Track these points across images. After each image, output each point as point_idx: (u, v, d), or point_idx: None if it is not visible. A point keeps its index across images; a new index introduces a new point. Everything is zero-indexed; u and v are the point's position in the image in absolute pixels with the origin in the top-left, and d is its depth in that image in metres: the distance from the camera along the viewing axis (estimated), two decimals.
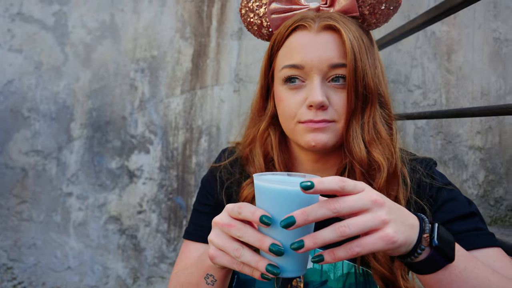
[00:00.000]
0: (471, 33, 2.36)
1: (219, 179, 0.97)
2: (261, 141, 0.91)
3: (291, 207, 0.59)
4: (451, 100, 2.35)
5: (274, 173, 0.69)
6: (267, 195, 0.60)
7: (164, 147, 2.20)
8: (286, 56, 0.82)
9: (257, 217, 0.58)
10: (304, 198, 0.59)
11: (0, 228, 2.08)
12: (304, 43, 0.79)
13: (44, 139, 2.12)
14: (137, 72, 2.19)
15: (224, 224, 0.62)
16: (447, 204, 0.81)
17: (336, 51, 0.78)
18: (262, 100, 0.92)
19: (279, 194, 0.59)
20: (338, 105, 0.79)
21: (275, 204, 0.59)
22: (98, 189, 2.15)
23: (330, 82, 0.80)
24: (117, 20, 2.18)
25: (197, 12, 2.24)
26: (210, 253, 0.64)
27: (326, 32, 0.79)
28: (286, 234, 0.59)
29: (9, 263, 2.09)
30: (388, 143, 0.81)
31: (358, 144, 0.79)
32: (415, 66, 2.34)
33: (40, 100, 2.12)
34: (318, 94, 0.77)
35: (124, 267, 2.15)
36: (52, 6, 2.13)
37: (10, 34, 2.10)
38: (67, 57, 2.14)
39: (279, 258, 0.60)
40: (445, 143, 2.35)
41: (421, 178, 0.85)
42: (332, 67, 0.78)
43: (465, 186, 2.35)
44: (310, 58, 0.78)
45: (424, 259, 0.58)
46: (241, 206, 0.61)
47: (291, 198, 0.59)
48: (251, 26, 0.92)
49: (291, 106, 0.81)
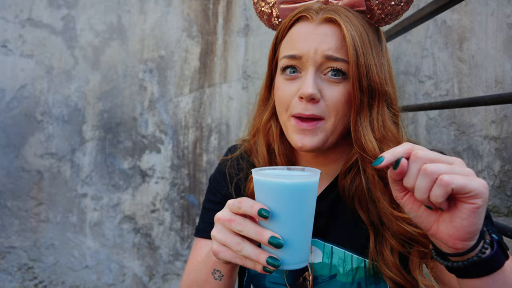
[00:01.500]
0: (484, 20, 2.30)
1: (228, 175, 0.99)
2: (264, 132, 0.91)
3: (289, 200, 0.60)
4: (464, 89, 2.30)
5: (274, 168, 0.70)
6: (265, 189, 0.61)
7: (175, 146, 2.22)
8: (287, 46, 0.82)
9: (256, 211, 0.60)
10: (301, 191, 0.60)
11: (19, 229, 2.14)
12: (304, 34, 0.79)
13: (58, 141, 2.16)
14: (145, 73, 2.21)
15: (225, 220, 0.64)
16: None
17: (333, 44, 0.76)
18: (267, 90, 0.92)
19: (276, 187, 0.60)
20: (331, 100, 0.77)
21: (273, 197, 0.60)
22: (111, 190, 2.19)
23: (326, 75, 0.78)
24: (124, 22, 2.20)
25: (203, 10, 2.24)
26: (214, 249, 0.66)
27: (326, 24, 0.78)
28: (285, 227, 0.60)
29: (29, 263, 2.15)
30: (398, 140, 0.79)
31: (371, 141, 0.77)
32: (426, 56, 2.29)
33: (52, 104, 2.16)
34: (309, 86, 0.75)
35: (140, 265, 2.19)
36: (60, 10, 2.16)
37: (21, 40, 2.14)
38: (76, 61, 2.17)
39: (279, 251, 0.60)
40: (459, 133, 2.30)
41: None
42: (327, 59, 0.76)
43: (480, 176, 2.30)
44: (307, 49, 0.77)
45: (490, 256, 0.54)
46: (241, 201, 0.63)
47: (289, 191, 0.60)
48: (261, 16, 0.92)
49: (285, 96, 0.81)
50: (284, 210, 0.60)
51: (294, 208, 0.60)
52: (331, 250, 0.84)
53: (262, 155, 0.91)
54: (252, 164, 0.96)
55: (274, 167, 0.71)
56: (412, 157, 0.53)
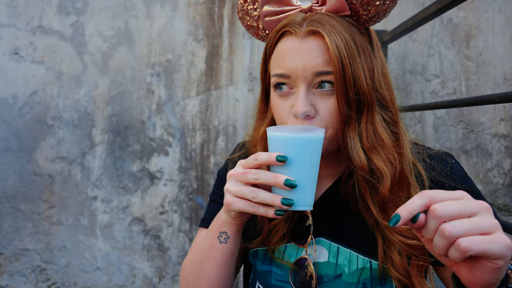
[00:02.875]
0: (491, 17, 2.28)
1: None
2: (261, 143, 0.92)
3: (301, 150, 0.69)
4: (472, 87, 2.28)
5: (293, 126, 0.76)
6: (280, 143, 0.70)
7: (183, 148, 2.25)
8: (275, 64, 0.81)
9: (274, 157, 0.68)
10: (311, 142, 0.70)
11: (32, 232, 2.18)
12: (290, 50, 0.78)
13: (68, 146, 2.20)
14: (153, 77, 2.24)
15: (239, 173, 0.71)
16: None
17: (321, 58, 0.75)
18: (263, 103, 0.93)
19: (290, 140, 0.69)
20: (327, 113, 0.77)
21: (288, 149, 0.70)
22: (121, 192, 2.22)
23: (317, 88, 0.78)
24: (131, 27, 2.23)
25: (208, 14, 2.26)
26: (227, 200, 0.72)
27: (311, 37, 0.76)
28: (297, 172, 0.69)
29: (42, 265, 2.19)
30: (390, 148, 0.78)
31: (357, 152, 0.77)
32: (432, 55, 2.28)
33: (62, 109, 2.20)
34: (301, 104, 0.75)
35: (150, 266, 2.22)
36: (69, 17, 2.21)
37: (32, 47, 2.19)
38: (85, 66, 2.21)
39: (291, 192, 0.69)
40: (467, 132, 2.28)
41: (438, 176, 0.82)
42: (316, 75, 0.76)
43: (490, 175, 2.28)
44: (295, 66, 0.76)
45: None
46: (257, 154, 0.70)
47: (301, 143, 0.69)
48: (248, 29, 0.92)
49: (281, 114, 0.81)
50: (296, 158, 0.69)
51: (306, 157, 0.70)
52: (337, 250, 0.85)
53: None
54: None
55: (285, 126, 0.76)
56: (430, 213, 0.51)
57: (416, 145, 0.89)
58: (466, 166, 2.28)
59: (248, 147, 1.04)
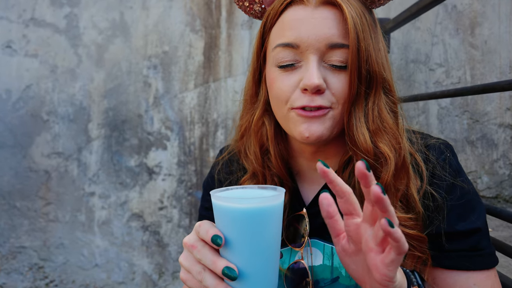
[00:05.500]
0: (496, 3, 2.22)
1: (217, 181, 0.93)
2: (255, 130, 0.83)
3: (243, 226, 0.54)
4: (477, 76, 2.22)
5: (244, 187, 0.64)
6: (220, 213, 0.56)
7: (181, 142, 2.20)
8: (279, 34, 0.74)
9: (210, 237, 0.56)
10: (258, 216, 0.54)
11: (29, 229, 2.14)
12: (300, 19, 0.71)
13: (64, 141, 2.15)
14: (149, 69, 2.19)
15: (189, 245, 0.59)
16: (453, 212, 0.74)
17: (336, 29, 0.69)
18: (255, 85, 0.84)
19: (229, 212, 0.54)
20: (337, 88, 0.71)
21: (227, 223, 0.55)
22: (119, 188, 2.18)
23: (328, 62, 0.72)
24: (127, 18, 2.18)
25: (206, 4, 2.20)
26: (181, 276, 0.61)
27: (325, 7, 0.70)
28: (241, 256, 0.55)
29: (40, 263, 2.15)
30: (395, 132, 0.73)
31: (363, 133, 0.71)
32: (436, 44, 2.22)
33: (57, 103, 2.15)
34: (314, 76, 0.68)
35: (149, 263, 2.18)
36: (63, 8, 2.15)
37: (25, 40, 2.14)
38: (80, 59, 2.16)
39: (236, 283, 0.55)
40: (472, 122, 2.23)
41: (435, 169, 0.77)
42: (330, 47, 0.70)
43: (496, 166, 2.23)
44: (306, 35, 0.70)
45: None
46: (200, 225, 0.58)
47: (243, 217, 0.53)
48: (242, 2, 0.83)
49: (284, 89, 0.73)
50: (239, 237, 0.54)
51: (250, 235, 0.54)
52: (331, 251, 0.79)
53: (254, 157, 0.83)
54: (243, 166, 0.89)
55: (244, 186, 0.64)
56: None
57: (414, 133, 0.82)
58: (471, 157, 2.23)
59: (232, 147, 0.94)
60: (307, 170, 0.87)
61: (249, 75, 0.86)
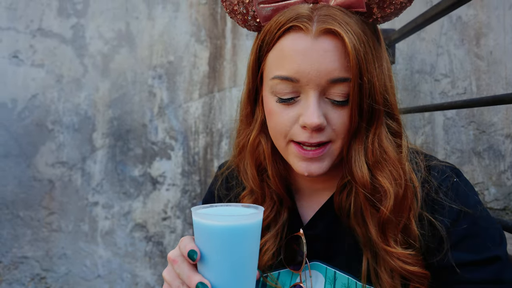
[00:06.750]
0: (501, 14, 2.22)
1: (216, 197, 0.92)
2: (251, 150, 0.80)
3: (218, 243, 0.56)
4: (483, 87, 2.21)
5: (227, 204, 0.64)
6: (197, 230, 0.58)
7: (185, 152, 2.19)
8: (277, 63, 0.70)
9: (186, 252, 0.57)
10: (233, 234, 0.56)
11: (32, 239, 2.13)
12: (300, 50, 0.67)
13: (69, 150, 2.15)
14: (154, 79, 2.20)
15: (171, 260, 0.61)
16: (466, 242, 0.68)
17: (338, 62, 0.65)
18: (250, 104, 0.81)
19: (206, 229, 0.56)
20: (338, 124, 0.69)
21: (204, 239, 0.57)
22: (122, 197, 2.16)
23: (329, 98, 0.69)
24: (132, 28, 2.19)
25: (211, 14, 2.22)
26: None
27: (325, 37, 0.66)
28: (216, 272, 0.56)
29: (42, 273, 2.13)
30: (395, 163, 0.70)
31: (361, 167, 0.69)
32: (441, 54, 2.22)
33: (62, 113, 2.16)
34: (314, 115, 0.66)
35: (152, 274, 2.16)
36: (70, 19, 2.17)
37: (32, 50, 2.15)
38: (86, 69, 2.17)
39: None
40: (478, 133, 2.21)
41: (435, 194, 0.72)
42: (332, 82, 0.66)
43: (503, 177, 2.20)
44: (307, 70, 0.66)
45: None
46: (182, 239, 0.60)
47: (218, 234, 0.55)
48: (234, 15, 0.78)
49: (283, 122, 0.70)
50: (214, 254, 0.56)
51: (225, 253, 0.56)
52: (334, 276, 0.76)
53: (251, 176, 0.81)
54: (241, 181, 0.87)
55: (228, 204, 0.65)
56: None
57: (417, 154, 0.77)
58: (478, 168, 2.21)
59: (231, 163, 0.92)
60: (306, 188, 0.85)
61: (244, 95, 0.83)
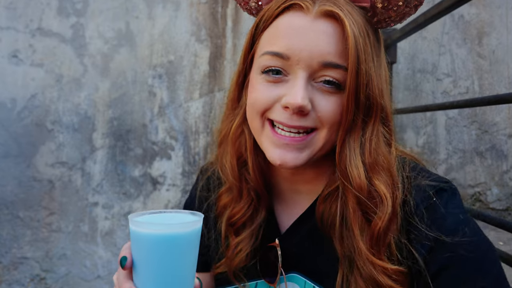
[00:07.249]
0: (504, 13, 2.20)
1: (198, 199, 0.90)
2: (233, 139, 0.76)
3: (148, 251, 0.53)
4: (485, 86, 2.20)
5: (164, 211, 0.62)
6: (131, 237, 0.57)
7: (186, 152, 2.18)
8: (270, 40, 0.66)
9: (119, 260, 0.56)
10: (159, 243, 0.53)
11: (31, 239, 2.12)
12: (296, 28, 0.63)
13: (68, 150, 2.14)
14: (154, 78, 2.18)
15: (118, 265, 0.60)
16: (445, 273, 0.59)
17: (334, 46, 0.62)
18: (237, 89, 0.76)
19: (136, 236, 0.55)
20: (325, 111, 0.63)
21: (135, 246, 0.55)
22: (122, 198, 2.15)
23: (318, 82, 0.64)
24: (133, 28, 2.18)
25: (211, 14, 2.20)
26: None
27: (325, 19, 0.62)
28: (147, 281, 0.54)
29: (42, 274, 2.12)
30: (392, 170, 0.65)
31: (357, 167, 0.63)
32: (443, 53, 2.20)
33: (62, 112, 2.15)
34: (298, 95, 0.61)
35: None
36: (70, 18, 2.16)
37: (31, 49, 2.14)
38: (86, 68, 2.16)
39: None
40: (481, 132, 2.20)
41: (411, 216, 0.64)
42: (324, 66, 0.62)
43: (506, 177, 2.19)
44: (299, 48, 0.62)
45: None
46: (124, 245, 0.59)
47: (148, 242, 0.53)
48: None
49: (263, 99, 0.65)
50: (145, 262, 0.54)
51: (155, 261, 0.54)
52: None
53: (230, 168, 0.76)
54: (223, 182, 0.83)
55: (171, 210, 0.62)
56: None
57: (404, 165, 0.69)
58: (480, 168, 2.20)
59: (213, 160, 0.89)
60: (287, 191, 0.79)
61: (234, 77, 0.78)
